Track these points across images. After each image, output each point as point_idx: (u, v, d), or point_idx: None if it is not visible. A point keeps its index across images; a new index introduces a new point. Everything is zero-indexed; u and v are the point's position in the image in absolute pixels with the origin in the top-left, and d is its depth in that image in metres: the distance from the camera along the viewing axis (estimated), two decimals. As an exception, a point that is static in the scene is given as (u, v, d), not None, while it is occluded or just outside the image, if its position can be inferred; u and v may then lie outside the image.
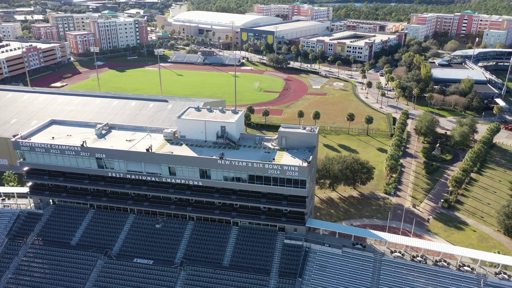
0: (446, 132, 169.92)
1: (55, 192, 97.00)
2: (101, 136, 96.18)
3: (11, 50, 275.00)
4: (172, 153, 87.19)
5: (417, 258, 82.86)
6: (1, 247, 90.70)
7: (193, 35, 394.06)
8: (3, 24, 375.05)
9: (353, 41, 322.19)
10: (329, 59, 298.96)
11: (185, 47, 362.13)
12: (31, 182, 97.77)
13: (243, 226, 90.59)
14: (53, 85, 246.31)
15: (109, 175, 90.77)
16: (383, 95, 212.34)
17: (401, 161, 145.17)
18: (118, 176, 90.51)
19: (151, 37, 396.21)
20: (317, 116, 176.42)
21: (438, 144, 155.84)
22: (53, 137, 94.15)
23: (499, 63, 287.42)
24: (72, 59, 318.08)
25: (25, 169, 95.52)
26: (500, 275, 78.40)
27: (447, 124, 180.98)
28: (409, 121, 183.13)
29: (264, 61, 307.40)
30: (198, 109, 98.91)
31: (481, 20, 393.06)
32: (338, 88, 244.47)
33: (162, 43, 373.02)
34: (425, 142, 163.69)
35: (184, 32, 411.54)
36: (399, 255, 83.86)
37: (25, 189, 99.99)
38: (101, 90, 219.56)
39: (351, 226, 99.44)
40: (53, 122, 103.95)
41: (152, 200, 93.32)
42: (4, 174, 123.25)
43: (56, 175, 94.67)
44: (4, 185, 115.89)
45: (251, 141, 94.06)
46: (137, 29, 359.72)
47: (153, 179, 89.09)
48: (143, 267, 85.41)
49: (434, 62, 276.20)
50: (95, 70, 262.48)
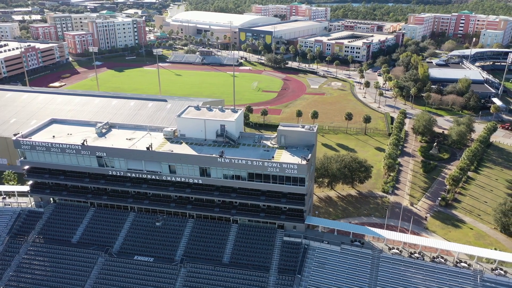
0: (443, 131, 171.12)
1: (55, 190, 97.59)
2: (101, 135, 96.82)
3: (9, 50, 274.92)
4: (172, 151, 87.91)
5: (415, 255, 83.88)
6: (2, 245, 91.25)
7: (191, 35, 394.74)
8: (1, 24, 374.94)
9: (351, 41, 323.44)
10: (327, 59, 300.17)
11: (183, 47, 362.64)
12: (32, 181, 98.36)
13: (243, 224, 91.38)
14: (51, 85, 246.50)
15: (110, 173, 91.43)
16: (381, 94, 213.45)
17: (399, 160, 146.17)
18: (118, 174, 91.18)
19: (149, 37, 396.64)
20: (315, 115, 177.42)
21: (436, 143, 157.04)
22: (53, 136, 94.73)
23: (496, 63, 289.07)
24: (71, 59, 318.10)
25: (26, 167, 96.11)
26: (496, 271, 79.44)
27: (445, 123, 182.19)
28: (406, 120, 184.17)
29: (263, 61, 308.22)
30: (197, 108, 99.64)
31: (478, 20, 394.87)
32: (336, 88, 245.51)
33: (160, 43, 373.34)
34: (422, 141, 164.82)
35: (182, 32, 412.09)
36: (397, 251, 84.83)
37: (25, 188, 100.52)
38: (99, 90, 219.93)
39: (350, 224, 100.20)
40: (53, 121, 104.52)
41: (152, 198, 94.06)
42: (4, 173, 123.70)
43: (56, 173, 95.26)
44: (4, 184, 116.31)
45: (251, 140, 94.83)
46: (135, 29, 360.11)
47: (153, 177, 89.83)
48: (143, 264, 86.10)
49: (432, 62, 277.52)
50: (94, 70, 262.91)
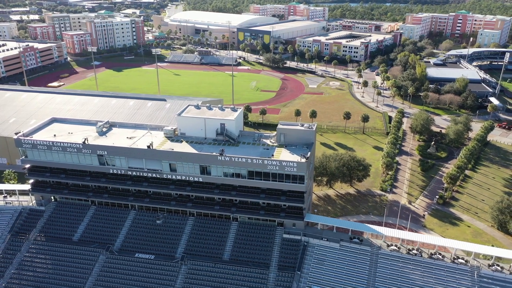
0: (441, 130, 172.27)
1: (56, 189, 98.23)
2: (102, 133, 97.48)
3: (7, 50, 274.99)
4: (172, 150, 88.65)
5: (413, 251, 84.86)
6: (4, 243, 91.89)
7: (190, 35, 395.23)
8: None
9: (349, 41, 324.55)
10: (325, 58, 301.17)
11: (181, 47, 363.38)
12: (33, 179, 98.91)
13: (243, 222, 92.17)
14: (50, 85, 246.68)
15: (111, 171, 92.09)
16: (379, 94, 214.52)
17: (397, 159, 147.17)
18: (119, 172, 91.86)
19: (148, 37, 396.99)
20: (313, 115, 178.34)
21: (433, 142, 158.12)
22: (54, 135, 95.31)
23: (493, 63, 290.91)
24: (69, 59, 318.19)
25: (27, 166, 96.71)
26: (493, 267, 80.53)
27: (442, 123, 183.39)
28: (404, 119, 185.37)
29: (261, 61, 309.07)
30: (197, 106, 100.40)
31: (475, 20, 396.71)
32: (334, 87, 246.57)
33: (158, 43, 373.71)
34: (420, 140, 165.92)
35: (180, 32, 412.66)
36: (395, 248, 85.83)
37: (26, 186, 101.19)
38: (98, 89, 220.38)
39: (348, 221, 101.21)
40: (54, 120, 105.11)
41: (153, 196, 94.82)
42: (4, 172, 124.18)
43: (57, 172, 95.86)
44: (4, 183, 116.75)
45: (250, 138, 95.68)
46: (133, 29, 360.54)
47: (154, 175, 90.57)
48: (144, 261, 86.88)
49: (429, 62, 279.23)
50: (92, 70, 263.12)
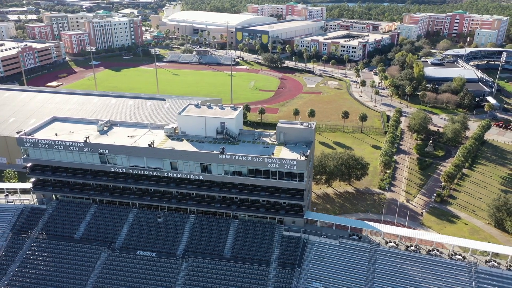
0: (438, 129, 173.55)
1: (58, 187, 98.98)
2: (103, 132, 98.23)
3: (6, 50, 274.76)
4: (173, 148, 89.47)
5: (411, 248, 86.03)
6: (6, 241, 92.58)
7: (188, 35, 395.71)
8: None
9: (347, 40, 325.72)
10: (323, 58, 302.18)
11: (180, 46, 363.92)
12: (34, 178, 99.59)
13: (243, 219, 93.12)
14: (49, 84, 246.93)
15: (112, 170, 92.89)
16: (376, 93, 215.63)
17: (395, 157, 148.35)
18: (120, 171, 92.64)
19: (146, 37, 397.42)
20: (312, 114, 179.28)
21: (431, 141, 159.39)
22: (56, 134, 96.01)
23: (490, 62, 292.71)
24: (67, 58, 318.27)
25: (29, 165, 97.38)
26: (490, 263, 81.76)
27: (440, 122, 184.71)
28: (402, 118, 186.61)
29: (259, 61, 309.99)
30: (198, 105, 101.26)
31: (472, 20, 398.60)
32: (332, 87, 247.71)
33: (157, 43, 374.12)
34: (418, 139, 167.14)
35: (178, 32, 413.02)
36: (394, 245, 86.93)
37: (28, 185, 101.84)
38: (97, 89, 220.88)
39: (348, 218, 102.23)
40: (55, 119, 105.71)
41: (154, 194, 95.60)
42: (5, 171, 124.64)
43: (59, 170, 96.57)
44: (4, 182, 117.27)
45: (250, 137, 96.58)
46: (132, 29, 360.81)
47: (154, 173, 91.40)
48: (146, 259, 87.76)
49: (427, 61, 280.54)
50: (91, 69, 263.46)
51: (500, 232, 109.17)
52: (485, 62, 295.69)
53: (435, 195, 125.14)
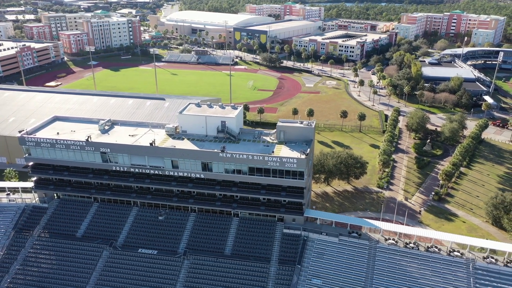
0: (436, 128, 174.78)
1: (59, 186, 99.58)
2: (104, 131, 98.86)
3: (4, 50, 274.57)
4: (174, 147, 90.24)
5: (410, 245, 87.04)
6: (8, 240, 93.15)
7: (186, 35, 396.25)
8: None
9: (345, 40, 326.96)
10: (321, 58, 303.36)
11: (178, 46, 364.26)
12: (36, 177, 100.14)
13: (244, 217, 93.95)
14: (47, 84, 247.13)
15: (113, 169, 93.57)
16: (375, 93, 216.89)
17: (393, 156, 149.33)
18: (121, 170, 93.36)
19: (144, 37, 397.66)
20: (311, 113, 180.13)
21: (429, 140, 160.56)
22: (57, 133, 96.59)
23: (487, 62, 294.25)
24: (66, 58, 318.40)
25: (30, 164, 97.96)
26: (487, 259, 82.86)
27: (437, 121, 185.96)
28: (400, 118, 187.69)
29: (258, 60, 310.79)
30: (198, 105, 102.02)
31: (469, 20, 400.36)
32: (331, 86, 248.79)
33: (155, 43, 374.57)
34: (416, 138, 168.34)
35: (177, 32, 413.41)
36: (393, 242, 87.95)
37: (29, 184, 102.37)
38: (96, 89, 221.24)
39: (347, 216, 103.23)
40: (56, 119, 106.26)
41: (155, 193, 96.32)
42: (5, 171, 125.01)
43: (60, 169, 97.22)
44: (5, 181, 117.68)
45: (251, 136, 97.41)
46: (130, 29, 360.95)
47: (156, 172, 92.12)
48: (147, 257, 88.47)
49: (425, 61, 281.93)
50: (89, 69, 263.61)
51: (497, 230, 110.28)
52: (482, 61, 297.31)
53: (433, 193, 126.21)
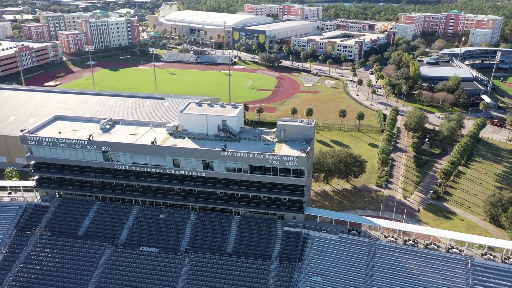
0: (434, 128, 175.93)
1: (61, 185, 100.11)
2: (105, 130, 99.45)
3: (3, 49, 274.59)
4: (176, 145, 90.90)
5: (409, 242, 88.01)
6: (10, 238, 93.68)
7: (185, 35, 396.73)
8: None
9: (343, 40, 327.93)
10: (320, 58, 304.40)
11: (177, 46, 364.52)
12: (38, 176, 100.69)
13: (244, 215, 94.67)
14: (46, 84, 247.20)
15: (115, 167, 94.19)
16: (373, 92, 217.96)
17: (392, 155, 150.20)
18: (123, 168, 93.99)
19: (143, 37, 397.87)
20: (310, 113, 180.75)
21: (427, 139, 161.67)
22: (59, 132, 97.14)
23: (484, 61, 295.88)
24: (64, 58, 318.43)
25: (32, 162, 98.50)
26: (486, 256, 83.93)
27: (436, 120, 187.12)
28: (399, 117, 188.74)
29: (256, 60, 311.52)
30: (199, 104, 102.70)
31: (467, 20, 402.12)
32: (329, 86, 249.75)
33: (154, 43, 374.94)
34: (414, 137, 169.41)
35: (175, 32, 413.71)
36: (392, 239, 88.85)
37: (31, 183, 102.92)
38: (95, 89, 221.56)
39: (347, 213, 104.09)
40: (57, 118, 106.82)
41: (156, 191, 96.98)
42: (6, 170, 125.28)
43: (62, 168, 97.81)
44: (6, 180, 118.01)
45: (251, 134, 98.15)
46: (129, 29, 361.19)
47: (157, 171, 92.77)
48: (149, 254, 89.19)
49: (422, 61, 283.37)
50: (88, 69, 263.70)
51: (495, 228, 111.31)
52: (480, 61, 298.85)
53: (431, 192, 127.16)
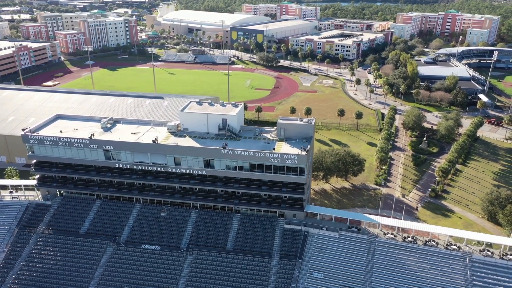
0: (432, 127, 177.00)
1: (62, 183, 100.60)
2: (106, 129, 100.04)
3: (0, 49, 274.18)
4: (177, 144, 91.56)
5: (408, 239, 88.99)
6: (12, 237, 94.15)
7: (183, 34, 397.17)
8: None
9: (341, 39, 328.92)
10: (318, 57, 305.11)
11: (175, 46, 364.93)
12: (39, 174, 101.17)
13: (245, 213, 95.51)
14: (45, 84, 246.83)
15: (116, 166, 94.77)
16: (371, 91, 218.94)
17: (390, 154, 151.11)
18: (124, 167, 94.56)
19: (141, 37, 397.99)
20: (308, 112, 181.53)
21: (425, 138, 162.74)
22: (60, 131, 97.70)
23: (482, 61, 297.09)
24: (63, 58, 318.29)
25: (33, 161, 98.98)
26: (484, 252, 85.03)
27: (433, 119, 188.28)
28: (397, 116, 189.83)
29: (255, 60, 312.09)
30: (199, 103, 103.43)
31: (464, 19, 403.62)
32: (327, 85, 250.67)
33: (152, 42, 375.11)
34: (412, 136, 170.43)
35: (173, 31, 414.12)
36: (392, 236, 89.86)
37: (32, 182, 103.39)
38: (94, 88, 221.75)
39: (347, 211, 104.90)
40: (58, 117, 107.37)
41: (158, 189, 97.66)
42: (6, 170, 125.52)
43: (63, 167, 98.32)
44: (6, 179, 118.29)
45: (251, 133, 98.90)
46: (127, 28, 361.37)
47: (158, 169, 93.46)
48: (151, 252, 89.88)
49: (420, 60, 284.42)
50: (86, 69, 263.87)
51: (493, 225, 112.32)
52: (477, 60, 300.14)
53: (429, 190, 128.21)
